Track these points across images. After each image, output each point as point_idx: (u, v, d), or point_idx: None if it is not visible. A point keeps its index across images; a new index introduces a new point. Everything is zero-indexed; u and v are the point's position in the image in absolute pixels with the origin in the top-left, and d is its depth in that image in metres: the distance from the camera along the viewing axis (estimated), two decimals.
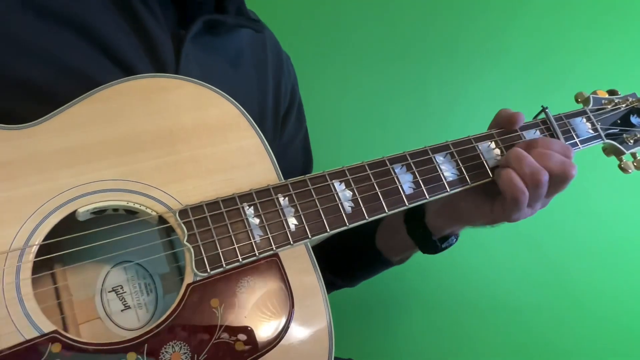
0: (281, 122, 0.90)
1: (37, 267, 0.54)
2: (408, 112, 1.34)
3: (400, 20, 1.35)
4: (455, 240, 0.81)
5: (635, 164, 0.84)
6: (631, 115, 0.86)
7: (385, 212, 0.65)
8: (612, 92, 0.89)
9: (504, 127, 0.75)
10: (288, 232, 0.60)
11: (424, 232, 0.79)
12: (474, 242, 0.82)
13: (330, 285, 0.96)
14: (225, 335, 0.54)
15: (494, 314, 1.32)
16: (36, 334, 0.50)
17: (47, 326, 0.50)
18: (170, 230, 0.63)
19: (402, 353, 1.26)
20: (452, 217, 0.77)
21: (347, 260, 0.94)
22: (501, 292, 1.33)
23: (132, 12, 0.70)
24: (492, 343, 1.31)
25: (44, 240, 0.53)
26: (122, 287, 0.63)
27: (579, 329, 1.36)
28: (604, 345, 1.36)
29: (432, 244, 0.80)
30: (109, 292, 0.63)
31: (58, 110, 0.59)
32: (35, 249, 0.52)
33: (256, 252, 0.58)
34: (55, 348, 0.49)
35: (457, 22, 1.38)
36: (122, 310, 0.62)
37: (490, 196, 0.72)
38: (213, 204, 0.59)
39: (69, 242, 0.55)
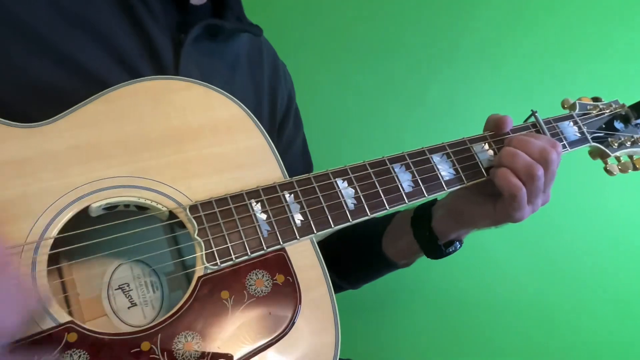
0: (278, 129, 0.92)
1: (51, 262, 0.54)
2: (408, 113, 1.35)
3: (401, 22, 1.37)
4: (460, 246, 0.83)
5: (619, 166, 0.88)
6: (615, 121, 0.90)
7: (386, 208, 0.67)
8: (596, 99, 0.94)
9: (494, 130, 0.78)
10: (294, 227, 0.62)
11: (430, 236, 0.81)
12: (474, 242, 0.83)
13: (336, 287, 0.98)
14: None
15: (494, 314, 1.33)
16: (52, 324, 0.51)
17: (63, 317, 0.52)
18: (175, 228, 0.65)
19: (402, 353, 1.26)
20: (457, 220, 0.79)
21: (353, 263, 0.95)
22: (502, 292, 1.34)
23: (135, 15, 0.72)
24: (493, 343, 1.32)
25: (58, 234, 0.55)
26: (128, 285, 0.65)
27: (580, 328, 1.37)
28: (605, 345, 1.37)
29: (437, 248, 0.82)
30: (116, 289, 0.64)
31: (70, 110, 0.61)
32: (50, 242, 0.54)
33: (264, 246, 0.60)
34: (72, 337, 0.51)
35: (459, 24, 1.41)
36: (128, 308, 0.63)
37: (492, 197, 0.74)
38: (222, 200, 0.61)
39: (77, 239, 0.57)
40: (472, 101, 1.36)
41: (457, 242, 0.83)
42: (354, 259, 0.96)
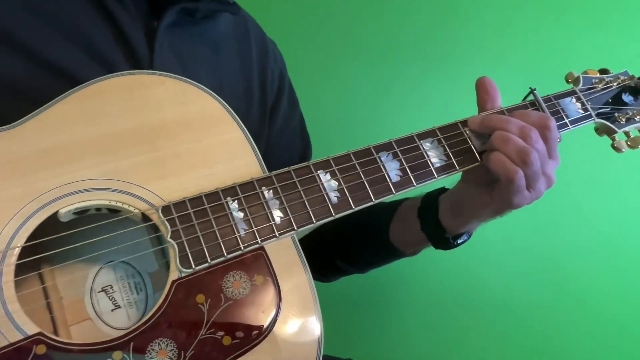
0: (270, 109, 0.89)
1: (25, 269, 0.53)
2: (396, 103, 1.33)
3: (389, 12, 1.34)
4: (468, 238, 0.80)
5: (629, 142, 0.83)
6: (623, 94, 0.85)
7: (372, 201, 0.64)
8: (603, 71, 0.88)
9: (486, 97, 0.73)
10: (273, 224, 0.59)
11: (437, 228, 0.78)
12: (474, 239, 0.81)
13: (341, 271, 0.97)
14: (212, 331, 0.54)
15: (492, 314, 1.32)
16: (20, 337, 0.49)
17: (31, 328, 0.50)
18: (157, 228, 0.63)
19: (401, 353, 1.25)
20: (459, 215, 0.76)
21: (360, 249, 0.93)
22: (500, 292, 1.32)
23: (103, 6, 0.69)
24: (491, 343, 1.31)
25: (26, 242, 0.53)
26: (111, 287, 0.63)
27: (578, 328, 1.35)
28: (604, 344, 1.35)
29: (445, 240, 0.78)
30: (99, 292, 0.63)
31: (38, 110, 0.58)
32: (17, 251, 0.52)
33: (241, 246, 0.57)
34: (40, 350, 0.49)
35: (455, 16, 1.37)
36: (112, 310, 0.62)
37: (488, 187, 0.70)
38: (196, 200, 0.58)
39: (56, 243, 0.55)
40: (469, 92, 1.31)
41: (466, 234, 0.79)
42: (361, 247, 0.93)
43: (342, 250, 0.94)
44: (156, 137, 0.61)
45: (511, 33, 1.39)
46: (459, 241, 0.79)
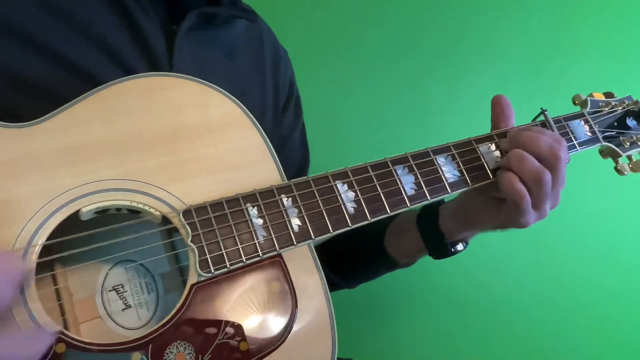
0: (280, 114, 0.89)
1: (38, 269, 0.53)
2: (410, 113, 1.34)
3: (401, 20, 1.35)
4: (464, 247, 0.81)
5: (631, 165, 0.85)
6: (627, 118, 0.87)
7: (387, 212, 0.65)
8: (608, 95, 0.90)
9: (498, 114, 0.75)
10: (291, 232, 0.60)
11: (436, 234, 0.79)
12: (474, 241, 0.82)
13: (330, 285, 0.96)
14: (229, 336, 0.54)
15: (494, 314, 1.32)
16: None
17: (51, 327, 0.50)
18: (171, 231, 0.63)
19: (402, 353, 1.26)
20: (462, 221, 0.77)
21: (352, 259, 0.93)
22: (501, 293, 1.33)
23: (123, 8, 0.69)
24: (493, 343, 1.32)
25: (46, 240, 0.53)
26: (122, 287, 0.63)
27: (580, 328, 1.36)
28: (605, 344, 1.37)
29: (443, 247, 0.79)
30: (110, 291, 0.63)
31: (60, 109, 0.58)
32: (38, 248, 0.52)
33: (260, 253, 0.58)
34: (60, 348, 0.49)
35: (459, 22, 1.39)
36: (122, 310, 0.62)
37: (497, 200, 0.72)
38: (217, 205, 0.59)
39: (70, 243, 0.55)
40: (476, 101, 1.33)
41: (462, 243, 0.81)
42: (354, 254, 0.93)
43: (335, 261, 0.93)
44: (177, 140, 0.61)
45: (518, 34, 1.41)
46: (457, 247, 0.80)
